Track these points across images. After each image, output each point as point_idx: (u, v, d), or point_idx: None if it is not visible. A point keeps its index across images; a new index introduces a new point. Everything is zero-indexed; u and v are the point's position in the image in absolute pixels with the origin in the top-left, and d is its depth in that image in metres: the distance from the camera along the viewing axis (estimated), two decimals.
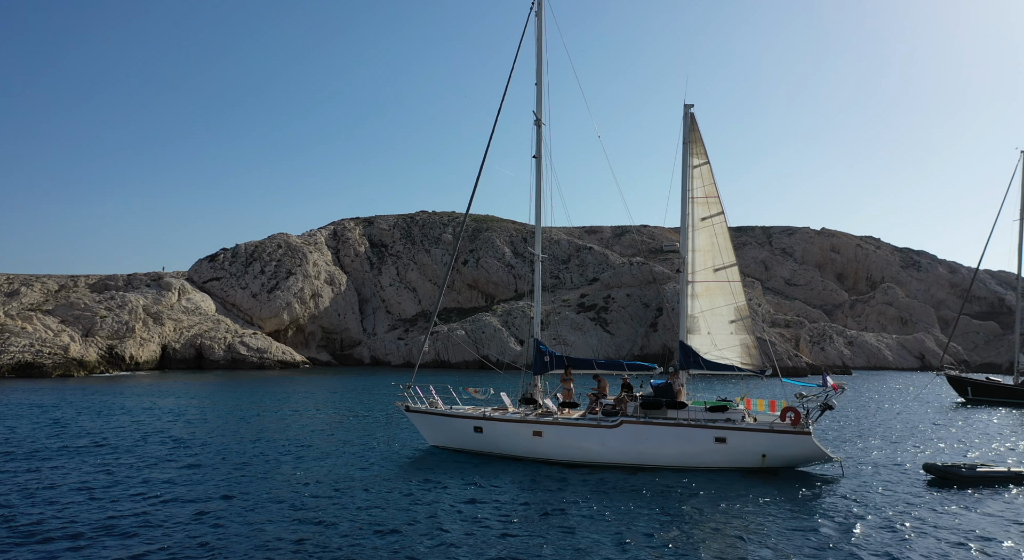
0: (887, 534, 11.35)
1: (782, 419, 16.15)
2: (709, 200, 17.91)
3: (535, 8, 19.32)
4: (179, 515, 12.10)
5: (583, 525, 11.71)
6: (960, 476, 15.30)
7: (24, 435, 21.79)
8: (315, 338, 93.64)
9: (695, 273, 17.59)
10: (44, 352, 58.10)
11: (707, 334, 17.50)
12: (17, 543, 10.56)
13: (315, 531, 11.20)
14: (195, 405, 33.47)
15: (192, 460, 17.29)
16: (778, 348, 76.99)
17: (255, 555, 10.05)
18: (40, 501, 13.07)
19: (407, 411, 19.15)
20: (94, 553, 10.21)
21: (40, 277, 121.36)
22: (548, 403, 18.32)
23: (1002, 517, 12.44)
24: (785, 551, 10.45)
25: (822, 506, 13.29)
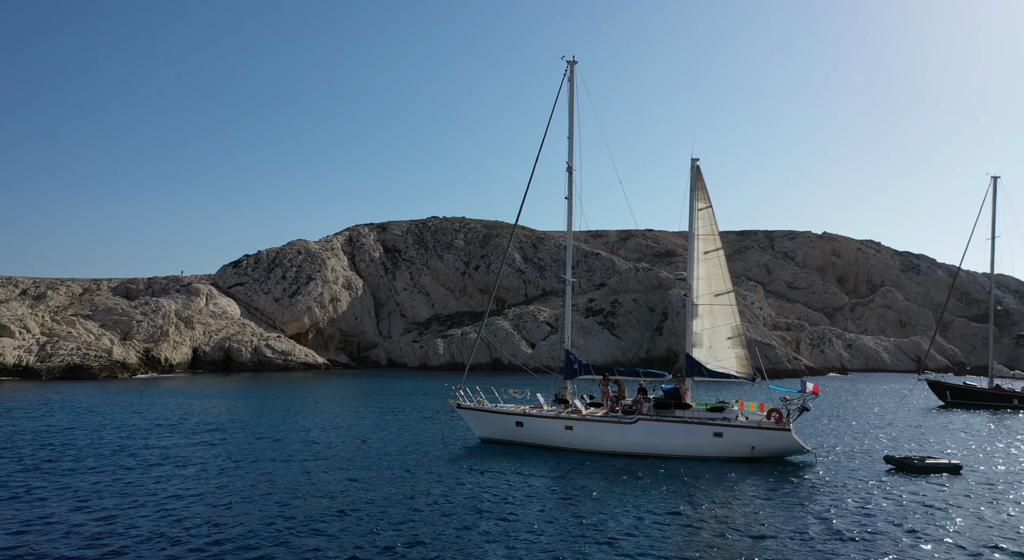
0: (845, 509, 15.01)
1: (768, 418, 19.87)
2: (710, 237, 21.68)
3: (567, 75, 23.22)
4: (284, 491, 15.76)
5: (606, 502, 15.40)
6: (912, 466, 18.98)
7: (115, 439, 25.65)
8: (334, 341, 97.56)
9: (699, 296, 21.35)
10: (91, 355, 62.08)
11: (709, 347, 21.24)
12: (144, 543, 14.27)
13: (400, 503, 14.84)
14: (256, 407, 37.28)
15: (282, 455, 20.99)
16: (778, 351, 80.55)
17: (374, 521, 13.69)
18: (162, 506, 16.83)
19: (459, 408, 22.95)
20: (256, 542, 13.92)
21: (64, 280, 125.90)
22: (577, 403, 22.12)
23: (936, 496, 16.10)
24: (765, 519, 14.12)
25: (796, 487, 16.98)
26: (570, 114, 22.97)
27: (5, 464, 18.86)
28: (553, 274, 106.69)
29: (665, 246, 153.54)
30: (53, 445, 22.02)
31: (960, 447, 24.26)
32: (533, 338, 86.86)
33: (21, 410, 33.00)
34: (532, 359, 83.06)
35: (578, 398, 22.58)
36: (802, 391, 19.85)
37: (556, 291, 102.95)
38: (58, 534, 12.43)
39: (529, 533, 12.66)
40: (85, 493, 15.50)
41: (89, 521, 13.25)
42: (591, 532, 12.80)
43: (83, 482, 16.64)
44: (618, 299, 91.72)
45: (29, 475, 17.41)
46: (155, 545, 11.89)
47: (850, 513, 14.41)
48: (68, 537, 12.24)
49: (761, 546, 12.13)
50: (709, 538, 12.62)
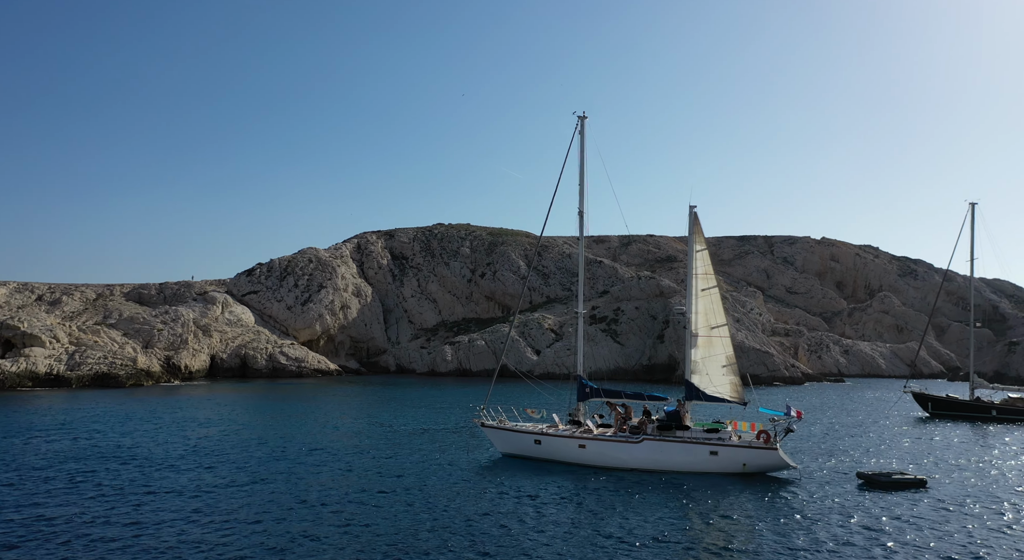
0: (817, 519, 17.67)
1: (757, 438, 22.54)
2: (707, 276, 24.36)
3: (578, 128, 25.96)
4: (319, 498, 18.40)
5: (613, 511, 18.03)
6: (881, 481, 21.65)
7: (157, 449, 28.37)
8: (344, 347, 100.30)
9: (698, 329, 24.04)
10: (117, 364, 64.84)
11: (706, 374, 23.91)
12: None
13: (426, 510, 17.48)
14: (282, 417, 39.96)
15: (314, 462, 23.63)
16: (776, 359, 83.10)
17: (391, 525, 16.34)
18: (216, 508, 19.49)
19: (482, 426, 25.67)
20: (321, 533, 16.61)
21: (78, 286, 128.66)
22: (589, 423, 24.81)
23: (898, 510, 18.76)
24: (752, 528, 16.77)
25: (779, 499, 19.63)
26: (581, 165, 25.77)
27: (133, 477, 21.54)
28: (557, 281, 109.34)
29: (666, 251, 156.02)
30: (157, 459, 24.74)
31: (931, 461, 26.94)
32: (538, 345, 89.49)
33: (90, 421, 35.67)
34: (537, 366, 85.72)
35: (590, 418, 25.31)
36: (787, 414, 22.55)
37: (560, 298, 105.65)
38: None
39: (544, 537, 15.32)
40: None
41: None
42: (601, 538, 15.45)
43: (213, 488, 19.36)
44: (621, 307, 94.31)
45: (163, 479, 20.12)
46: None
47: (820, 524, 17.07)
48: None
49: (746, 550, 14.77)
50: (702, 543, 15.27)
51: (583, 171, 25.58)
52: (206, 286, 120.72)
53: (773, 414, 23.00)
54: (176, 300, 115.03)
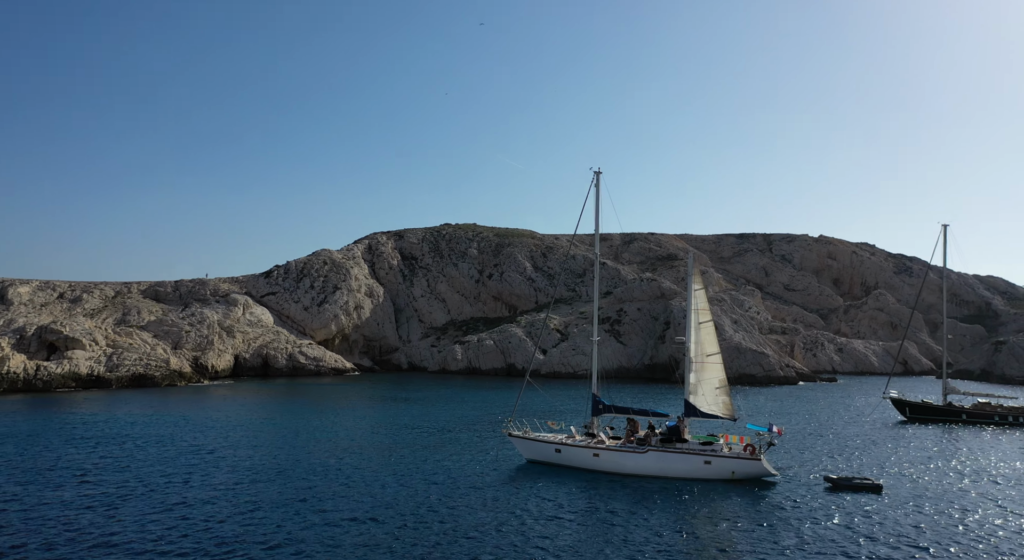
0: (787, 518, 21.81)
1: (744, 450, 26.68)
2: (704, 311, 28.44)
3: (595, 182, 30.06)
4: (360, 492, 22.48)
5: (621, 511, 22.16)
6: (844, 485, 25.87)
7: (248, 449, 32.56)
8: (358, 345, 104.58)
9: (696, 356, 28.15)
10: (152, 365, 69.10)
11: (702, 395, 28.01)
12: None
13: (456, 511, 21.55)
14: (313, 417, 44.13)
15: (357, 463, 27.74)
16: (771, 359, 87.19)
17: (420, 520, 20.40)
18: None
19: (510, 436, 29.88)
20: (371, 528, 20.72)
21: (98, 284, 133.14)
22: (602, 435, 28.98)
23: (856, 509, 22.92)
24: (737, 526, 20.93)
25: (761, 500, 23.80)
26: (596, 215, 29.92)
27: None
28: (562, 282, 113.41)
29: (667, 249, 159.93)
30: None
31: (895, 464, 31.15)
32: (544, 345, 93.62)
33: (160, 424, 39.85)
34: (544, 365, 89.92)
35: (602, 431, 29.48)
36: (770, 431, 26.75)
37: (565, 299, 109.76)
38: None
39: (563, 532, 19.44)
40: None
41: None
42: (610, 533, 19.56)
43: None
44: (623, 308, 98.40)
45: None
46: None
47: (789, 522, 21.23)
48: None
49: (730, 541, 18.90)
50: (694, 537, 19.39)
51: (598, 221, 29.72)
52: (220, 283, 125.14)
53: (758, 430, 27.17)
54: (191, 297, 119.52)
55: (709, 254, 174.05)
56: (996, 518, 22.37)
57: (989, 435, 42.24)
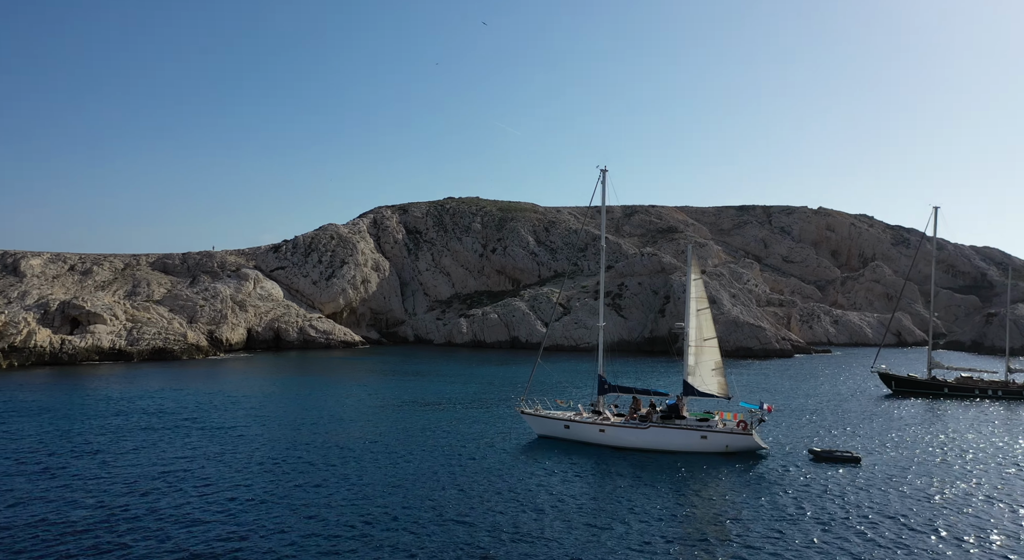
0: (773, 486, 24.44)
1: (737, 426, 29.25)
2: (702, 299, 30.73)
3: (601, 179, 32.24)
4: (383, 457, 25.07)
5: (624, 479, 24.76)
6: (825, 458, 28.53)
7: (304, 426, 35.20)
8: (365, 318, 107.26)
9: (693, 341, 30.58)
10: (171, 339, 71.73)
11: (699, 376, 30.49)
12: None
13: (475, 481, 24.14)
14: (339, 396, 46.82)
15: (376, 436, 30.36)
16: (768, 333, 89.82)
17: (434, 493, 22.98)
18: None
19: (522, 413, 32.47)
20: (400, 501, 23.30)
21: (107, 256, 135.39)
22: (607, 412, 31.55)
23: (835, 479, 25.57)
24: (728, 494, 23.56)
25: (751, 471, 26.42)
26: (602, 212, 32.13)
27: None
28: (564, 256, 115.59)
29: (667, 222, 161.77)
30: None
31: (877, 437, 33.85)
32: (547, 318, 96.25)
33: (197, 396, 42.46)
34: (547, 338, 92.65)
35: (608, 408, 32.06)
36: (761, 408, 29.32)
37: (567, 273, 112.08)
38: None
39: (570, 500, 22.05)
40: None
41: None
42: (615, 501, 22.16)
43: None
44: (624, 282, 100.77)
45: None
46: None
47: (774, 489, 23.88)
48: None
49: (722, 506, 21.51)
50: (690, 503, 22.01)
51: (603, 214, 31.86)
52: (227, 256, 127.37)
53: (750, 407, 29.73)
54: (199, 269, 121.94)
55: (709, 226, 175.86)
56: (966, 489, 24.99)
57: (969, 409, 44.98)
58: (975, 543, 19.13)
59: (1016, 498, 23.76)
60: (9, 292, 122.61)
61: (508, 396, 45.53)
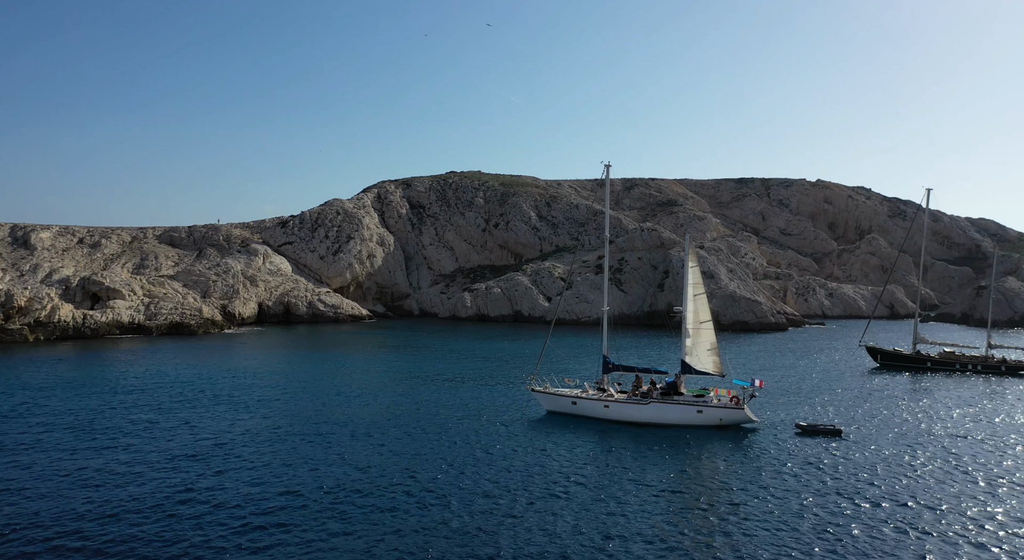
0: (761, 456, 27.16)
1: (731, 401, 31.92)
2: (698, 285, 33.13)
3: (606, 174, 34.38)
4: (398, 429, 27.74)
5: (626, 451, 27.47)
6: (810, 431, 31.29)
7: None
8: (371, 292, 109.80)
9: (690, 323, 33.07)
10: (187, 314, 74.25)
11: (696, 356, 33.03)
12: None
13: (493, 453, 26.80)
14: (358, 372, 49.53)
15: (399, 411, 33.08)
16: (763, 307, 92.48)
17: (453, 460, 25.66)
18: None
19: (532, 390, 35.13)
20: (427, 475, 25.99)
21: (114, 229, 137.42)
22: (611, 389, 34.21)
23: (818, 450, 28.31)
24: (721, 462, 26.28)
25: (742, 443, 29.16)
26: (606, 203, 34.32)
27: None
28: (565, 231, 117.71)
29: (667, 195, 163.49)
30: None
31: (859, 410, 36.62)
32: (549, 292, 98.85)
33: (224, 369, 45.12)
34: (549, 312, 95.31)
35: (612, 386, 34.73)
36: (752, 384, 31.99)
37: (568, 247, 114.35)
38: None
39: (577, 469, 24.74)
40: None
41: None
42: (619, 470, 24.85)
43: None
44: (624, 257, 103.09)
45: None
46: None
47: (762, 459, 26.63)
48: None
49: (715, 473, 24.23)
50: (687, 472, 24.72)
51: (607, 207, 34.06)
52: (232, 229, 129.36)
53: (742, 384, 32.38)
54: (204, 242, 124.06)
55: (708, 199, 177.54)
56: (940, 459, 27.73)
57: (950, 383, 47.80)
58: (944, 507, 21.84)
59: (986, 466, 26.49)
60: (21, 265, 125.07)
61: (516, 372, 48.26)
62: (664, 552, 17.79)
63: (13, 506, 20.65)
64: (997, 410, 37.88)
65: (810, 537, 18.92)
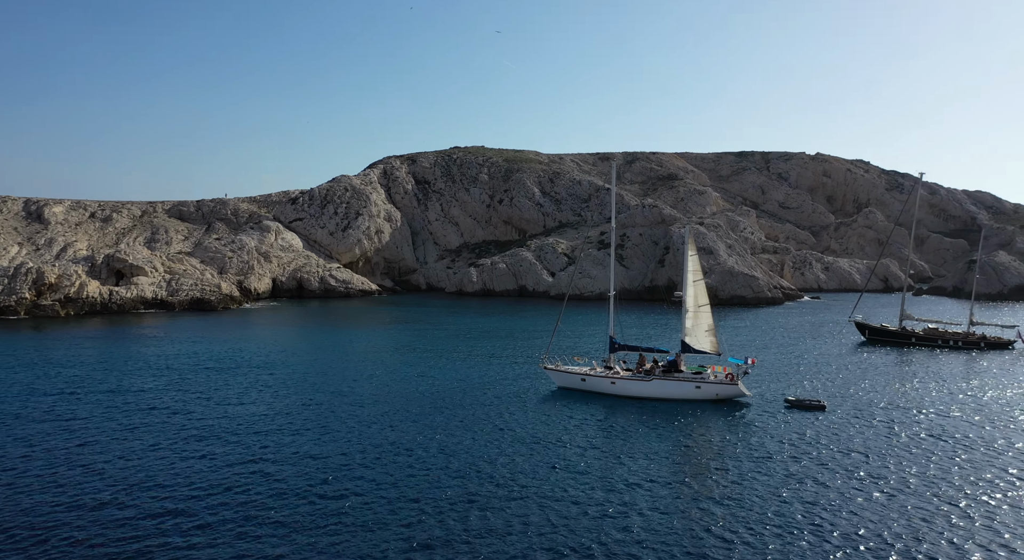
0: (752, 426, 30.51)
1: (726, 378, 35.22)
2: (697, 272, 36.20)
3: (614, 171, 37.17)
4: (420, 394, 31.07)
5: (631, 423, 30.79)
6: (797, 405, 34.66)
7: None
8: (379, 267, 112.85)
9: (690, 306, 36.19)
10: (207, 290, 77.36)
11: (695, 336, 36.20)
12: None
13: (499, 425, 30.08)
14: (376, 349, 52.80)
15: (423, 386, 36.38)
16: (760, 282, 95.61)
17: (471, 430, 28.98)
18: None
19: (545, 368, 38.44)
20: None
21: (125, 203, 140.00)
22: (617, 367, 37.50)
23: (804, 423, 31.67)
24: (716, 432, 29.64)
25: (735, 416, 32.53)
26: (611, 201, 37.37)
27: None
28: (568, 207, 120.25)
29: (668, 169, 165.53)
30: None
31: (844, 385, 39.97)
32: (553, 268, 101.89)
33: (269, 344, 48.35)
34: (553, 287, 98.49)
35: (618, 364, 38.03)
36: (745, 362, 35.29)
37: (571, 223, 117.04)
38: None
39: (589, 438, 28.08)
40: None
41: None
42: (623, 440, 28.18)
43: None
44: (626, 233, 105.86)
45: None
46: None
47: (753, 430, 29.99)
48: None
49: (711, 444, 27.57)
50: (685, 440, 28.05)
51: (612, 198, 36.91)
52: (239, 203, 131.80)
53: (736, 362, 35.67)
54: (213, 216, 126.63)
55: (708, 173, 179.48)
56: (919, 431, 31.07)
57: (932, 358, 51.16)
58: (915, 471, 25.17)
59: (954, 435, 29.83)
60: (36, 239, 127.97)
61: (525, 348, 51.58)
62: (664, 504, 21.11)
63: (132, 471, 23.90)
64: (972, 385, 41.26)
65: (789, 496, 22.25)
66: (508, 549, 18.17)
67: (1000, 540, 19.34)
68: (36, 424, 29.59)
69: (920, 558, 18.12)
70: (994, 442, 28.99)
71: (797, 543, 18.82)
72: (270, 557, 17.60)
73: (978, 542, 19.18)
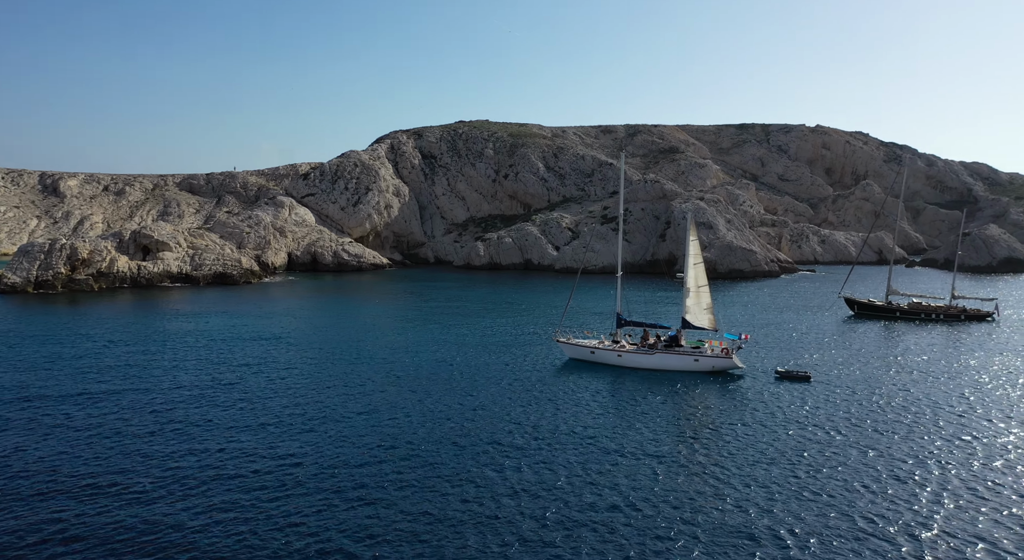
0: (744, 396, 34.37)
1: (722, 352, 39.02)
2: (697, 255, 39.77)
3: (624, 155, 40.34)
4: (445, 365, 34.91)
5: (636, 391, 34.64)
6: (787, 376, 38.49)
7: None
8: (388, 241, 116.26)
9: (691, 287, 39.82)
10: (228, 264, 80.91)
11: (694, 314, 39.84)
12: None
13: (519, 390, 33.92)
14: (395, 323, 56.56)
15: (440, 356, 40.22)
16: (758, 256, 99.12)
17: (493, 397, 32.83)
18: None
19: (558, 341, 42.25)
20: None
21: (136, 177, 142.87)
22: (624, 341, 41.28)
23: (792, 393, 35.53)
24: (713, 397, 33.51)
25: (730, 386, 36.42)
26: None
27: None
28: (572, 182, 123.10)
29: (669, 142, 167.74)
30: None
31: (830, 356, 43.83)
32: (557, 242, 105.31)
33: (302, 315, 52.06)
34: (557, 261, 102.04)
35: (624, 338, 41.84)
36: (740, 338, 39.06)
37: (575, 198, 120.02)
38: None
39: (601, 403, 31.89)
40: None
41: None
42: (629, 406, 32.03)
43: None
44: (628, 208, 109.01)
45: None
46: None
47: (746, 398, 33.87)
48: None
49: (708, 409, 31.43)
50: (684, 407, 31.89)
51: (621, 181, 40.23)
52: (248, 176, 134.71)
53: (732, 338, 39.46)
54: (223, 189, 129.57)
55: (709, 145, 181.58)
56: (895, 398, 34.90)
57: (914, 331, 54.98)
58: (889, 434, 29.07)
59: (935, 402, 33.69)
60: (54, 212, 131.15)
61: (535, 320, 55.38)
62: (665, 462, 24.99)
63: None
64: (948, 354, 45.13)
65: (775, 455, 26.14)
66: (547, 480, 22.05)
67: (967, 495, 23.24)
68: (172, 392, 33.43)
69: (886, 510, 21.99)
70: (962, 406, 32.90)
71: (778, 495, 22.72)
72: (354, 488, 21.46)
73: (949, 495, 23.07)
